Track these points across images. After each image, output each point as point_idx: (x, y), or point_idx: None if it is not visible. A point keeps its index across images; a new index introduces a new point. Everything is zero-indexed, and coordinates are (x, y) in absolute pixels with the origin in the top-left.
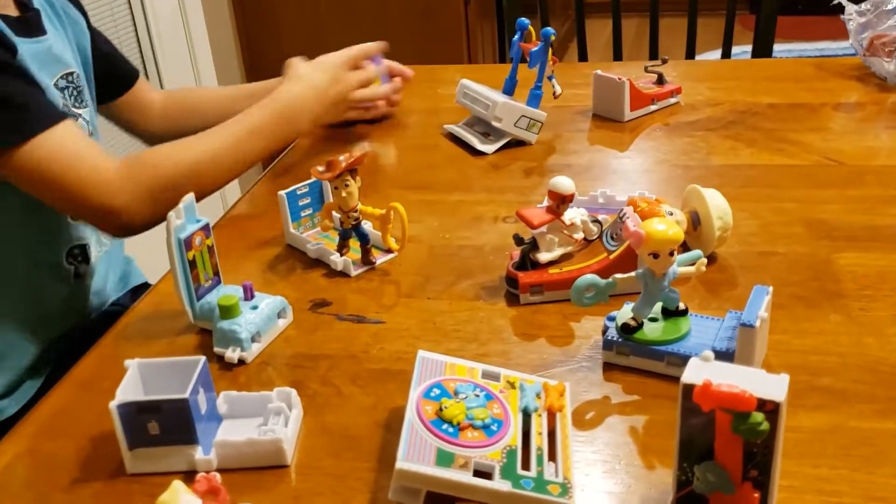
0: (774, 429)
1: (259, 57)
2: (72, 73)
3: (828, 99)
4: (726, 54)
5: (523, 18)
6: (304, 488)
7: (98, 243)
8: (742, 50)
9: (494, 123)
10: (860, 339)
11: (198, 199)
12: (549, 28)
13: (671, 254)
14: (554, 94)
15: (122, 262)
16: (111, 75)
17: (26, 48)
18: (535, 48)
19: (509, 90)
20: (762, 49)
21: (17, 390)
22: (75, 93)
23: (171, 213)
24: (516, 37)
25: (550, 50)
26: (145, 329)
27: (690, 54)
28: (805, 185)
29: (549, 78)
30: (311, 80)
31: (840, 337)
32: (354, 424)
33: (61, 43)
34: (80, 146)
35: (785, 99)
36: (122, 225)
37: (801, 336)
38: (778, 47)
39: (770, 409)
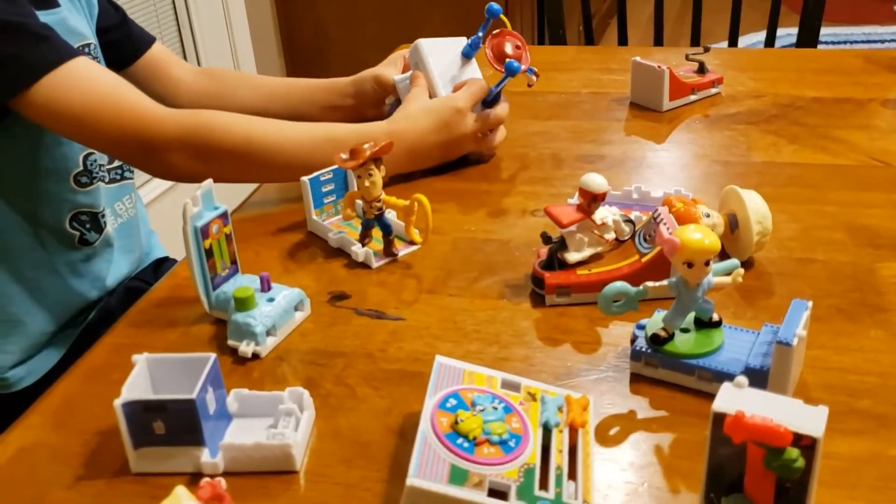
0: (810, 465)
1: (296, 31)
2: (89, 45)
3: (876, 94)
4: (771, 36)
5: (494, 3)
6: (312, 497)
7: (114, 214)
8: (787, 32)
9: None
10: None
11: (247, 180)
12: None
13: (707, 263)
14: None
15: (143, 235)
16: (123, 42)
17: (41, 18)
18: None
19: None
20: (808, 32)
21: (33, 359)
22: None
23: (188, 201)
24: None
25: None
26: (159, 316)
27: (734, 34)
28: (849, 186)
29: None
30: (415, 122)
31: (881, 355)
32: (367, 429)
33: (76, 14)
34: (110, 78)
35: (830, 93)
36: (165, 165)
37: (839, 352)
38: (823, 30)
39: (807, 444)
